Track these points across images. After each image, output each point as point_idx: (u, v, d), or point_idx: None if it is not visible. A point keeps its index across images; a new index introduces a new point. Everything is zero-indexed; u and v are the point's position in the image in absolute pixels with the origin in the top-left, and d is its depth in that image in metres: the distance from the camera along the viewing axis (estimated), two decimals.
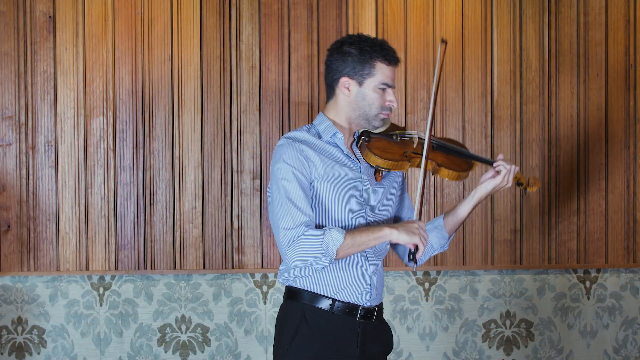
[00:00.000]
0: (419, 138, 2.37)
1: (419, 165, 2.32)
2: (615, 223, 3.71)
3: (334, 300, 2.25)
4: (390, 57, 2.28)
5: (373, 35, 3.58)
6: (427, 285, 3.69)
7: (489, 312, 3.72)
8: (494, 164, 2.37)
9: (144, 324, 3.60)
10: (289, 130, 3.56)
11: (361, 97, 2.27)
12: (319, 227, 2.23)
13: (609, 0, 3.70)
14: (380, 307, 2.37)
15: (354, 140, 2.36)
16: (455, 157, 2.40)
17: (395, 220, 2.45)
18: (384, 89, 2.27)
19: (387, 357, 2.44)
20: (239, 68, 3.57)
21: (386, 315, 3.64)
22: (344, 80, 2.27)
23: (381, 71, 2.26)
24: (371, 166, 2.32)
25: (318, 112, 3.57)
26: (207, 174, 3.55)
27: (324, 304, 2.25)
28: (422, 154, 2.31)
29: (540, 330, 3.75)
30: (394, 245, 2.47)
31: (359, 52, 2.25)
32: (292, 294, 2.30)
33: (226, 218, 3.56)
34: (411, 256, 2.26)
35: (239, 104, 3.57)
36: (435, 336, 3.70)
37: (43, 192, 3.51)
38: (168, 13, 3.55)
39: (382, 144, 2.32)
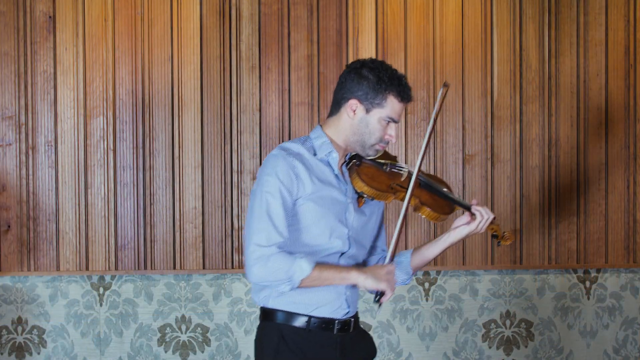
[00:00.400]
0: (408, 172, 2.34)
1: (402, 199, 2.29)
2: (615, 223, 3.71)
3: (310, 317, 2.24)
4: (404, 94, 2.24)
5: (373, 35, 3.59)
6: (427, 285, 3.69)
7: (489, 312, 3.72)
8: (472, 209, 2.34)
9: (144, 324, 3.60)
10: (289, 131, 3.56)
11: (364, 123, 2.24)
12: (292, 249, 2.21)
13: (609, 0, 3.70)
14: (356, 317, 2.35)
15: (345, 161, 2.33)
16: (439, 199, 2.37)
17: (372, 249, 2.44)
18: (388, 122, 2.25)
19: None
20: (239, 68, 3.57)
21: (386, 315, 3.64)
22: (352, 102, 2.24)
23: (391, 105, 2.23)
24: (355, 191, 2.30)
25: (318, 112, 3.57)
26: (207, 174, 3.55)
27: (300, 322, 2.24)
28: (407, 190, 2.28)
29: (540, 330, 3.74)
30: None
31: (376, 80, 2.22)
32: (267, 314, 2.28)
33: (226, 218, 3.56)
34: (377, 297, 2.23)
35: (239, 104, 3.56)
36: (435, 336, 3.70)
37: (43, 192, 3.51)
38: (168, 13, 3.55)
39: (372, 171, 2.29)
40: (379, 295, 2.22)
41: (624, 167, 3.71)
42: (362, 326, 2.45)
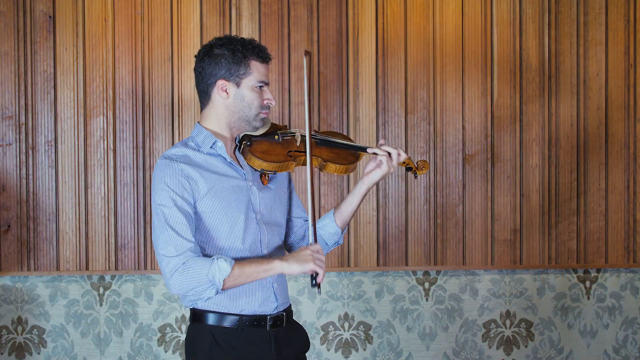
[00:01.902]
0: (301, 135, 2.33)
1: (304, 163, 2.29)
2: (615, 223, 3.71)
3: (241, 316, 2.21)
4: (263, 54, 2.24)
5: (373, 35, 3.59)
6: (427, 285, 3.69)
7: (489, 312, 3.72)
8: (378, 152, 2.33)
9: (144, 324, 3.60)
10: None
11: (240, 98, 2.23)
12: (206, 251, 2.19)
13: (609, 0, 3.70)
14: (288, 310, 2.33)
15: (236, 146, 2.31)
16: (341, 150, 2.38)
17: (288, 223, 2.44)
18: (261, 87, 2.24)
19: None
20: None
21: (386, 315, 3.64)
22: (221, 84, 2.22)
23: (257, 69, 2.23)
24: (256, 170, 2.28)
25: (318, 112, 3.57)
26: None
27: (231, 322, 2.21)
28: (306, 152, 2.27)
29: (540, 330, 3.75)
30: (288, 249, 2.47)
31: (232, 52, 2.21)
32: (197, 316, 2.24)
33: None
34: (313, 282, 2.20)
35: None
36: (435, 336, 3.70)
37: (43, 192, 3.51)
38: (168, 13, 3.55)
39: (265, 146, 2.29)
40: (314, 277, 2.19)
41: (624, 167, 3.71)
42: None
